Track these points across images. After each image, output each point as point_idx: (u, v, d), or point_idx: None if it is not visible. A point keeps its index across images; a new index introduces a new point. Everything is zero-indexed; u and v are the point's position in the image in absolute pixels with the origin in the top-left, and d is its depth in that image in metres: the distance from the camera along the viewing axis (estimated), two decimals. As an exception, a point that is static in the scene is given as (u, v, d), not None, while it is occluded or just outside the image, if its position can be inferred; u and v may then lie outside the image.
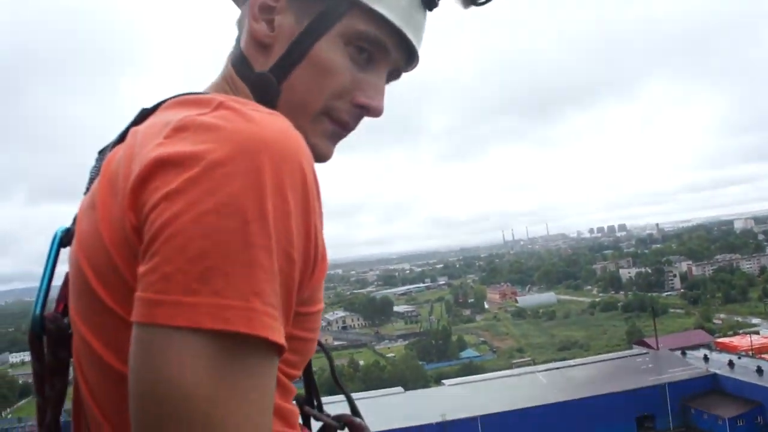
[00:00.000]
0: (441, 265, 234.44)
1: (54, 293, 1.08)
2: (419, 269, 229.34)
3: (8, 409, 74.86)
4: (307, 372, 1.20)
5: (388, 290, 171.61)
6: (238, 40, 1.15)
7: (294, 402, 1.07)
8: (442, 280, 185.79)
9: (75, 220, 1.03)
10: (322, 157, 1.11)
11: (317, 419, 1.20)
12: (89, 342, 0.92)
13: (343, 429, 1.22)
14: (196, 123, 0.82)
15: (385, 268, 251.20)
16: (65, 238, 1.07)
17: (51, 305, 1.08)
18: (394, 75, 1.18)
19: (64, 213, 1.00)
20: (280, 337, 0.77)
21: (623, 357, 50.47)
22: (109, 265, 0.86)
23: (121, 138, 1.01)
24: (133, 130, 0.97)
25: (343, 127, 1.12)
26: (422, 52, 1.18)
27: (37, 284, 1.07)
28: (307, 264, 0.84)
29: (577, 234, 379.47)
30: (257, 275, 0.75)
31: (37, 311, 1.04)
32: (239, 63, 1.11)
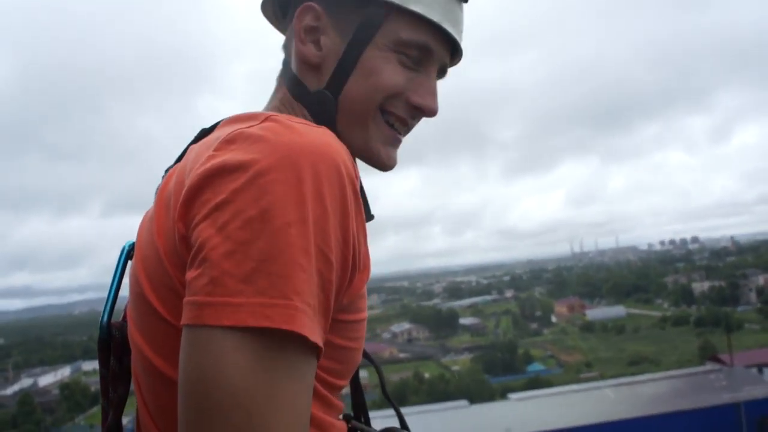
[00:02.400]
0: (508, 278, 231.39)
1: (122, 304, 1.15)
2: (486, 281, 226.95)
3: (80, 416, 76.88)
4: (355, 385, 1.20)
5: (454, 302, 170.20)
6: (285, 62, 1.20)
7: (341, 418, 1.08)
8: (508, 293, 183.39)
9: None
10: (385, 163, 1.16)
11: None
12: (141, 348, 0.97)
13: None
14: (243, 135, 0.87)
15: (452, 280, 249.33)
16: (132, 252, 1.11)
17: (119, 315, 1.16)
18: (441, 72, 1.20)
19: (137, 224, 1.09)
20: (315, 337, 0.80)
21: (695, 374, 48.95)
22: (162, 274, 0.92)
23: (182, 156, 1.10)
24: (191, 148, 1.06)
25: (402, 127, 1.16)
26: (464, 44, 1.19)
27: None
28: (345, 269, 0.87)
29: (648, 246, 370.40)
30: (297, 275, 0.78)
31: (104, 320, 1.11)
32: (293, 85, 1.15)
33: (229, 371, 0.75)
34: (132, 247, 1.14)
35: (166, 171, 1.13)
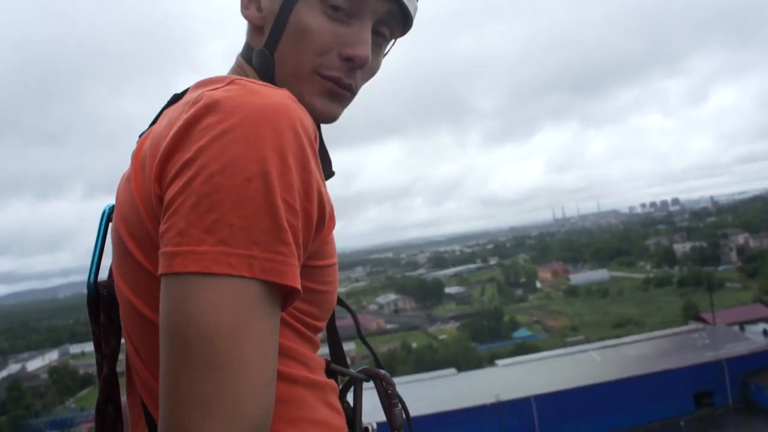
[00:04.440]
0: (491, 246, 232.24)
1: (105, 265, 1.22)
2: (469, 250, 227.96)
3: (70, 399, 76.84)
4: (331, 330, 1.25)
5: (439, 272, 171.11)
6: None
7: (320, 356, 1.15)
8: (492, 261, 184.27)
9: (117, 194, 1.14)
10: (323, 115, 1.16)
11: (342, 374, 1.25)
12: (129, 298, 1.04)
13: (368, 380, 1.28)
14: (207, 98, 0.92)
15: (436, 250, 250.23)
16: (112, 214, 1.16)
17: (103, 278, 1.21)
18: (386, 26, 1.19)
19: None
20: (278, 277, 0.87)
21: (679, 333, 49.62)
22: (143, 231, 0.98)
23: (156, 121, 1.17)
24: (164, 113, 1.13)
25: (337, 83, 1.14)
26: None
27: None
28: (309, 220, 0.93)
29: (629, 210, 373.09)
30: (257, 226, 0.85)
31: (91, 279, 1.17)
32: (245, 49, 1.21)
33: (195, 309, 0.82)
34: (112, 209, 1.20)
35: (140, 135, 1.18)
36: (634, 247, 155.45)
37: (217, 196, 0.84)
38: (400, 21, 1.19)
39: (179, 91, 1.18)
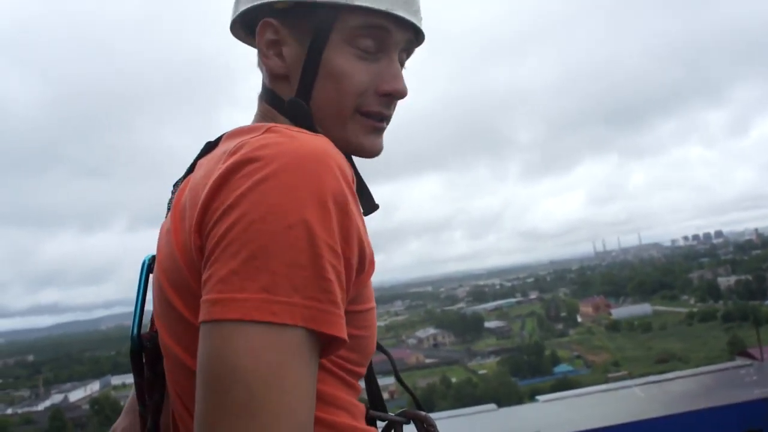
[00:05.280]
0: (531, 279, 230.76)
1: (147, 316, 1.23)
2: (509, 284, 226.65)
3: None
4: (369, 376, 1.24)
5: (479, 306, 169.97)
6: (263, 81, 1.26)
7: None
8: (533, 295, 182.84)
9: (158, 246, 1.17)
10: (371, 152, 1.21)
11: (382, 419, 1.23)
12: (174, 350, 1.04)
13: (408, 423, 1.26)
14: (247, 147, 0.93)
15: (475, 284, 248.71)
16: (153, 264, 1.17)
17: (146, 328, 1.22)
18: (406, 52, 1.26)
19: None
20: (320, 325, 0.87)
21: (725, 369, 48.25)
22: (183, 281, 0.99)
23: (190, 170, 1.17)
24: (199, 162, 1.14)
25: (378, 118, 1.20)
26: (425, 18, 1.23)
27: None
28: (349, 265, 0.93)
29: (672, 243, 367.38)
30: (299, 273, 0.85)
31: (134, 332, 1.16)
32: (270, 97, 1.21)
33: (234, 355, 0.82)
34: (153, 259, 1.21)
35: (175, 185, 1.21)
36: (677, 281, 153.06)
37: (257, 243, 0.84)
38: (415, 44, 1.26)
39: (216, 129, 1.18)
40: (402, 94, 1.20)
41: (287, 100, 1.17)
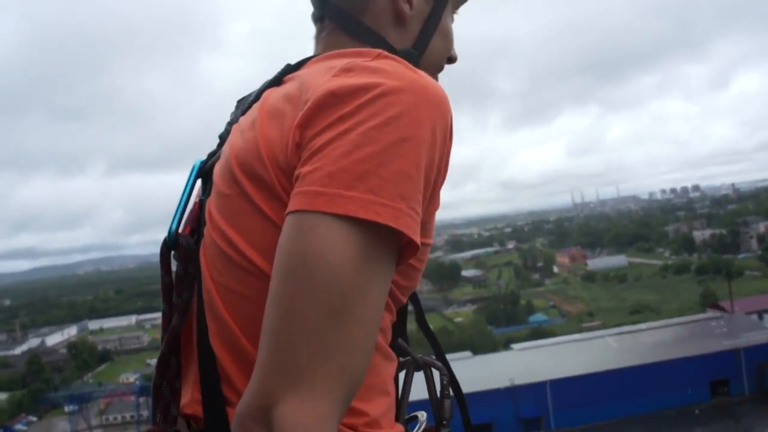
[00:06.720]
0: (509, 229, 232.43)
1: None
2: (487, 233, 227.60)
3: (89, 374, 77.81)
4: (401, 312, 1.24)
5: (457, 255, 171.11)
6: (342, 15, 1.22)
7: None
8: (510, 244, 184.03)
9: (221, 142, 1.22)
10: None
11: (405, 353, 1.27)
12: (235, 243, 1.03)
13: (419, 370, 1.30)
14: (361, 66, 0.97)
15: (453, 233, 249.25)
16: (202, 169, 1.22)
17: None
18: None
19: (140, 184, 0.94)
20: (417, 236, 0.90)
21: (696, 321, 49.26)
22: (262, 175, 0.99)
23: (260, 94, 1.16)
24: (289, 77, 1.15)
25: None
26: None
27: (114, 254, 1.22)
28: (434, 194, 1.00)
29: (649, 196, 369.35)
30: (406, 183, 0.88)
31: (173, 228, 1.17)
32: (374, 41, 1.19)
33: (334, 254, 0.83)
34: (202, 163, 1.23)
35: (239, 102, 1.27)
36: (653, 234, 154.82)
37: (372, 148, 0.87)
38: None
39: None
40: (454, 62, 1.32)
41: (401, 49, 1.18)
